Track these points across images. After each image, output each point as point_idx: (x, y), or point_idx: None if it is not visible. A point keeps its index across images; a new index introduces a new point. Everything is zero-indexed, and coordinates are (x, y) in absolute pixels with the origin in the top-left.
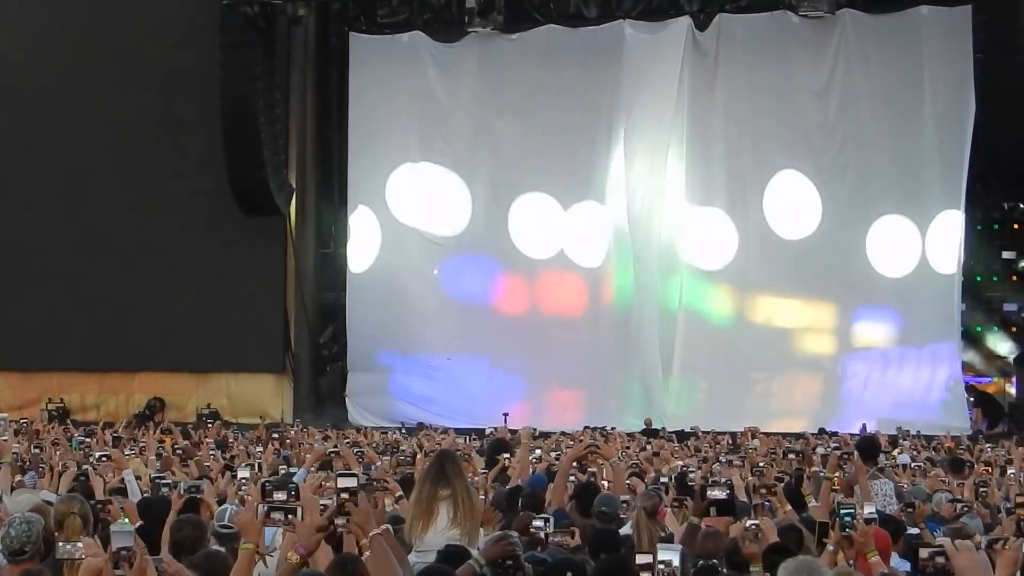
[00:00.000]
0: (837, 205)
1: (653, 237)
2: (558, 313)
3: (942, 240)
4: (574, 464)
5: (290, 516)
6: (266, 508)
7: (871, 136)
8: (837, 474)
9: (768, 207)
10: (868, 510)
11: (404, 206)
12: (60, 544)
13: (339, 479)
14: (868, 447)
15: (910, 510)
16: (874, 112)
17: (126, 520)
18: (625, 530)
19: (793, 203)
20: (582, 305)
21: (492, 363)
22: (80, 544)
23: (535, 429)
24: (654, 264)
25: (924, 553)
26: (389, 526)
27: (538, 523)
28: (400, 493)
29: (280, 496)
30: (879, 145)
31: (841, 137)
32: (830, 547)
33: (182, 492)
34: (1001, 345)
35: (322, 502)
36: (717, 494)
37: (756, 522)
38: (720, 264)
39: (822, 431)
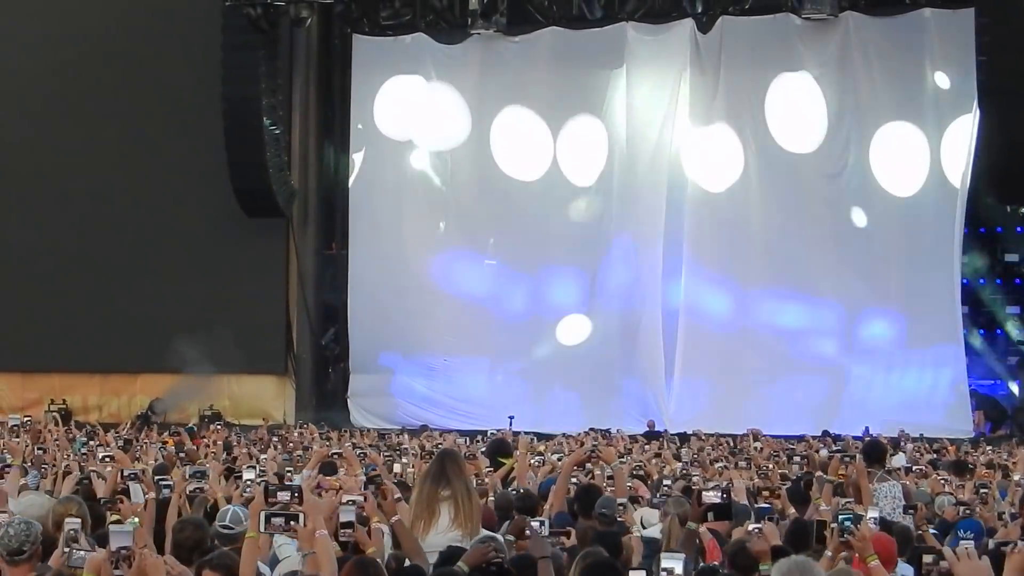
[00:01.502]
0: (850, 212)
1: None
2: (559, 313)
3: (939, 253)
4: (576, 467)
5: (292, 522)
6: (266, 515)
7: (873, 140)
8: (841, 470)
9: (772, 210)
10: (871, 514)
11: (405, 204)
12: (68, 551)
13: (341, 512)
14: (873, 450)
15: (912, 512)
16: (876, 114)
17: (136, 520)
18: (653, 532)
19: (795, 207)
20: (583, 305)
21: (493, 364)
22: (93, 553)
23: (533, 439)
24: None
25: (927, 559)
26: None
27: (533, 525)
28: (398, 495)
29: (284, 497)
30: (883, 146)
31: (844, 139)
32: (828, 553)
33: (187, 476)
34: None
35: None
36: (713, 498)
37: (759, 525)
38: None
39: (826, 433)
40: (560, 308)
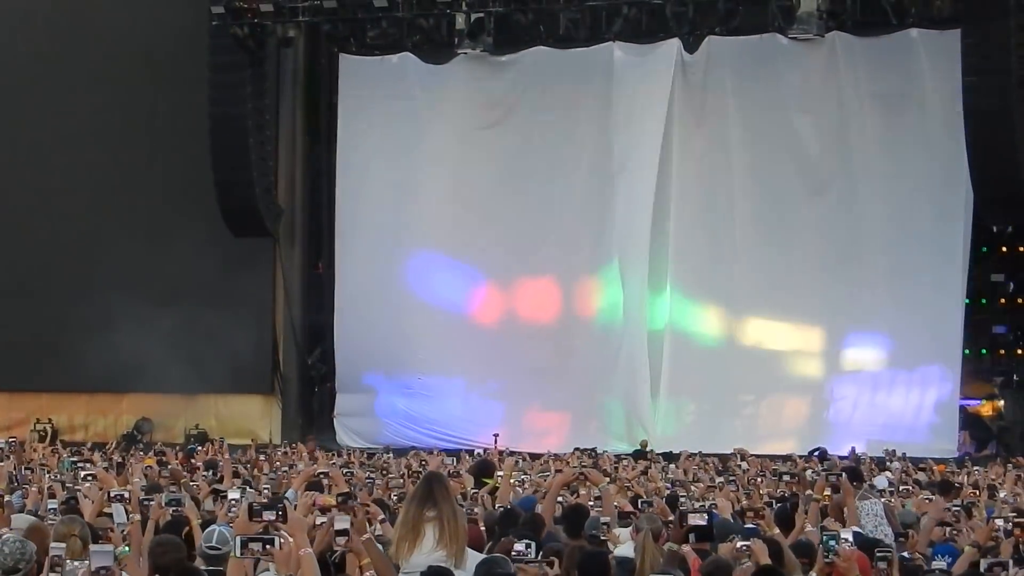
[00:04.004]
0: (836, 234)
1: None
2: (537, 330)
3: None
4: (563, 487)
5: (267, 546)
6: (243, 540)
7: (862, 157)
8: (826, 495)
9: (758, 229)
10: (844, 535)
11: (393, 225)
12: (67, 561)
13: (336, 520)
14: (852, 471)
15: (902, 539)
16: (864, 133)
17: (126, 548)
18: (626, 551)
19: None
20: (563, 321)
21: (470, 383)
22: (80, 564)
23: (518, 460)
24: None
25: None
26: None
27: (519, 547)
28: (382, 516)
29: (269, 516)
30: (869, 167)
31: (831, 157)
32: (813, 573)
33: (163, 504)
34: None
35: (319, 520)
36: (697, 520)
37: (747, 543)
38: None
39: (815, 451)
40: (540, 322)
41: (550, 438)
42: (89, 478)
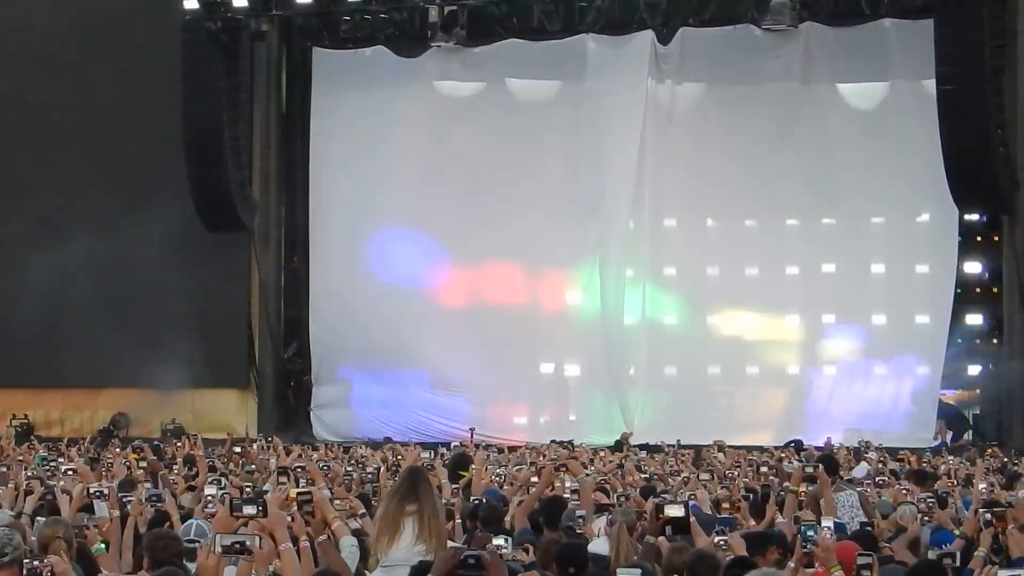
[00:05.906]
0: (811, 225)
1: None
2: (507, 319)
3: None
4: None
5: (247, 544)
6: (222, 543)
7: (837, 148)
8: (803, 487)
9: (735, 219)
10: (826, 523)
11: (366, 218)
12: (26, 561)
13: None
14: (827, 463)
15: (869, 527)
16: (839, 125)
17: (102, 545)
18: (599, 547)
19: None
20: (533, 310)
21: (443, 374)
22: (47, 561)
23: (488, 455)
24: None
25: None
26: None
27: (498, 541)
28: (363, 510)
29: (249, 510)
30: (846, 158)
31: (806, 148)
32: (791, 564)
33: (143, 500)
34: None
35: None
36: (674, 512)
37: (725, 538)
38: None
39: (791, 443)
40: (508, 310)
41: (524, 430)
42: (70, 472)
